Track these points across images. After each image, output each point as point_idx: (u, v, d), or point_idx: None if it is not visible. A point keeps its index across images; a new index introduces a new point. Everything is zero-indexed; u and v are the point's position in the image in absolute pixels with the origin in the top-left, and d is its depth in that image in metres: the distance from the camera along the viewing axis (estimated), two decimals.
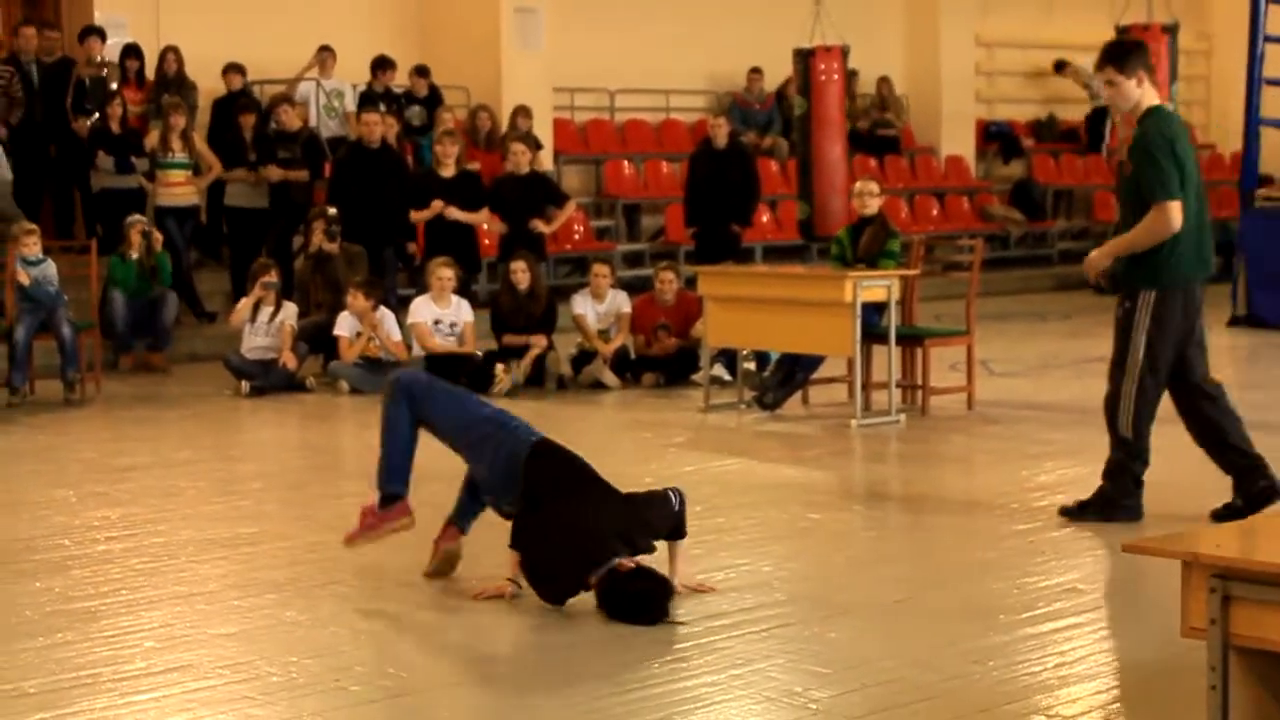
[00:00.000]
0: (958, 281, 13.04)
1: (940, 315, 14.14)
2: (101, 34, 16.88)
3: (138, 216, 14.95)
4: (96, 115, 15.90)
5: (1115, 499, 8.36)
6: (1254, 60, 17.98)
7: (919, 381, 12.12)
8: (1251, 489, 8.38)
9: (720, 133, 16.18)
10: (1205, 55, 27.27)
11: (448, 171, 15.21)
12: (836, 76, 15.66)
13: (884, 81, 22.95)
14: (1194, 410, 8.42)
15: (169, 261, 15.06)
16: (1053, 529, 8.25)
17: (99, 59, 16.76)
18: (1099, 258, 8.43)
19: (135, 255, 14.67)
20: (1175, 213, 7.96)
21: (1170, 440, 8.54)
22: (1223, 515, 8.22)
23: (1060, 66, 24.66)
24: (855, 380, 11.66)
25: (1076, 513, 8.41)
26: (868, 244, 12.18)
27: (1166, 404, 8.37)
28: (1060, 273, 22.82)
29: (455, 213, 15.01)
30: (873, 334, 11.64)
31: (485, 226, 15.48)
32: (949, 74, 23.97)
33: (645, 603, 6.59)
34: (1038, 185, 24.07)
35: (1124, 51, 8.24)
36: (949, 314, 13.79)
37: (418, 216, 15.07)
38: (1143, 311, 8.13)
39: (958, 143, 24.10)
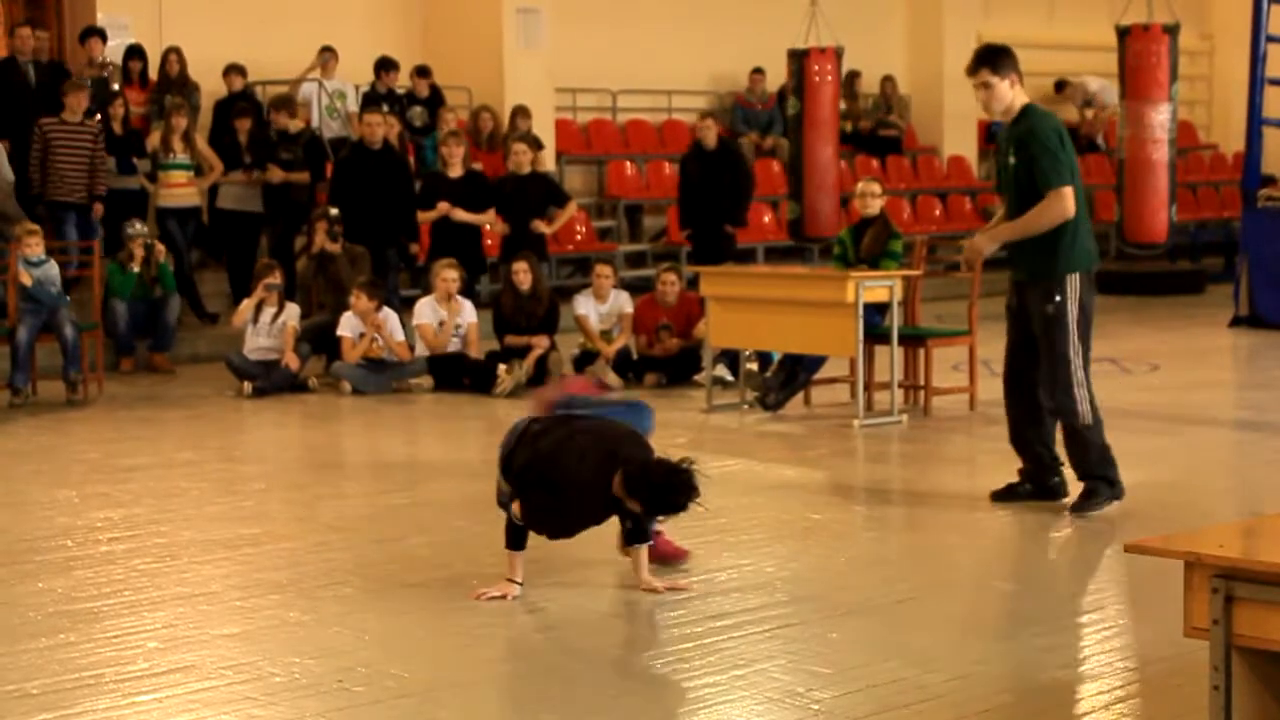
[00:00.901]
0: (960, 282, 13.04)
1: (942, 315, 14.14)
2: (102, 35, 16.88)
3: (140, 228, 14.93)
4: (98, 116, 15.89)
5: (1103, 481, 8.51)
6: (1256, 60, 17.98)
7: (921, 382, 12.12)
8: (1047, 481, 8.68)
9: (710, 134, 16.13)
10: (1207, 55, 27.25)
11: (454, 172, 15.21)
12: (830, 77, 15.66)
13: (888, 81, 22.93)
14: (1031, 391, 8.60)
15: (171, 270, 15.05)
16: (1055, 529, 8.25)
17: (100, 60, 16.77)
18: (983, 241, 8.76)
19: (135, 268, 14.67)
20: (1069, 198, 8.32)
21: (1176, 443, 8.56)
22: (1004, 496, 8.71)
23: (1060, 87, 24.61)
24: (857, 381, 11.66)
25: (1083, 507, 8.44)
26: (870, 244, 12.19)
27: (1170, 405, 8.37)
28: None
29: (462, 214, 15.00)
30: (875, 334, 11.65)
31: (489, 227, 15.46)
32: (951, 74, 23.77)
33: (675, 483, 6.66)
34: None
35: (996, 54, 8.53)
36: (951, 314, 13.78)
37: (424, 218, 15.07)
38: (1070, 300, 8.34)
39: (960, 143, 24.09)
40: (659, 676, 5.91)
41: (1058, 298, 8.33)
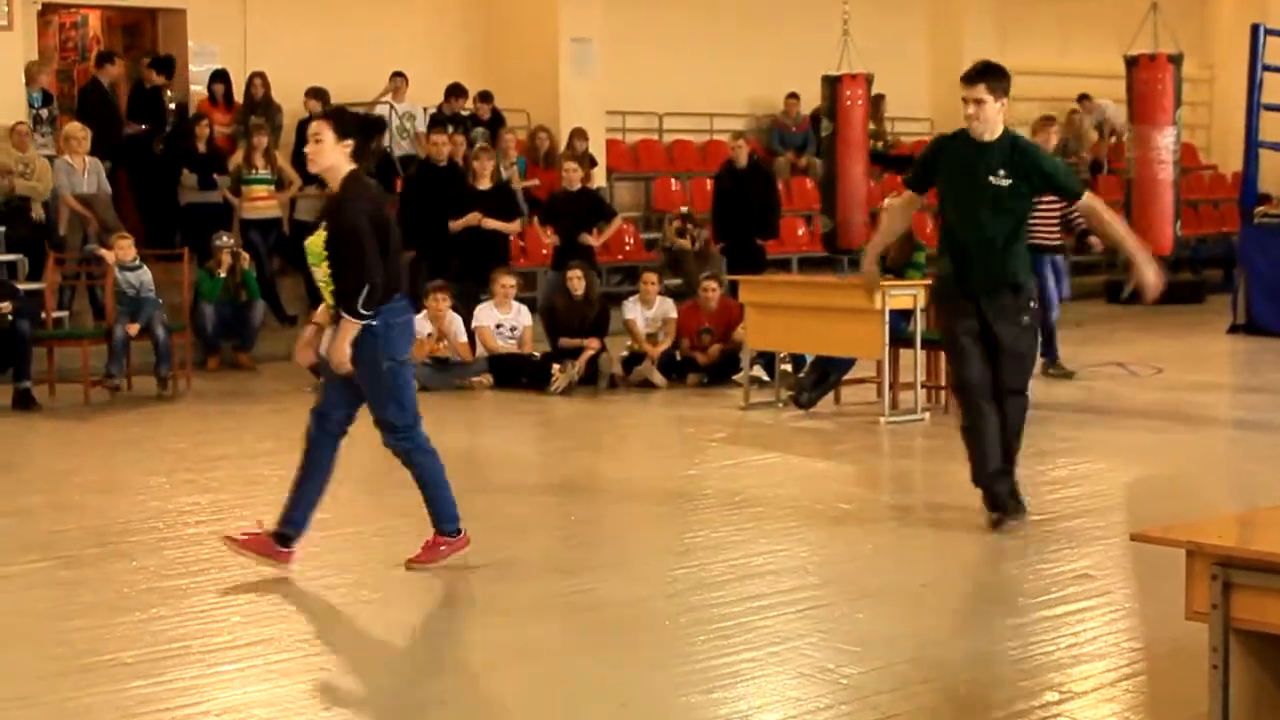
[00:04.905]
0: None
1: None
2: (167, 66, 17.14)
3: (227, 240, 14.98)
4: (165, 134, 16.25)
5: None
6: (1253, 87, 17.85)
7: (942, 382, 12.07)
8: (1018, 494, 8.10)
9: (741, 153, 16.12)
10: (1208, 83, 27.07)
11: (484, 184, 15.17)
12: (861, 101, 15.59)
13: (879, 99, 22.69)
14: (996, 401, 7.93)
15: (254, 277, 15.11)
16: (1065, 520, 8.20)
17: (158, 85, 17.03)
18: (1156, 276, 7.85)
19: (223, 274, 14.73)
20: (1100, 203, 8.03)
21: (1179, 440, 8.50)
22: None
23: (1083, 99, 24.41)
24: (884, 381, 11.63)
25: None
26: (895, 255, 12.12)
27: (1173, 406, 8.31)
28: (1073, 283, 22.63)
29: (491, 222, 14.96)
30: (900, 338, 11.61)
31: (502, 227, 15.25)
32: None
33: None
34: None
35: (997, 74, 8.14)
36: None
37: (455, 225, 14.98)
38: (1033, 305, 7.98)
39: None
40: (701, 652, 5.89)
41: (1033, 304, 7.96)
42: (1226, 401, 13.30)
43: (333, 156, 6.95)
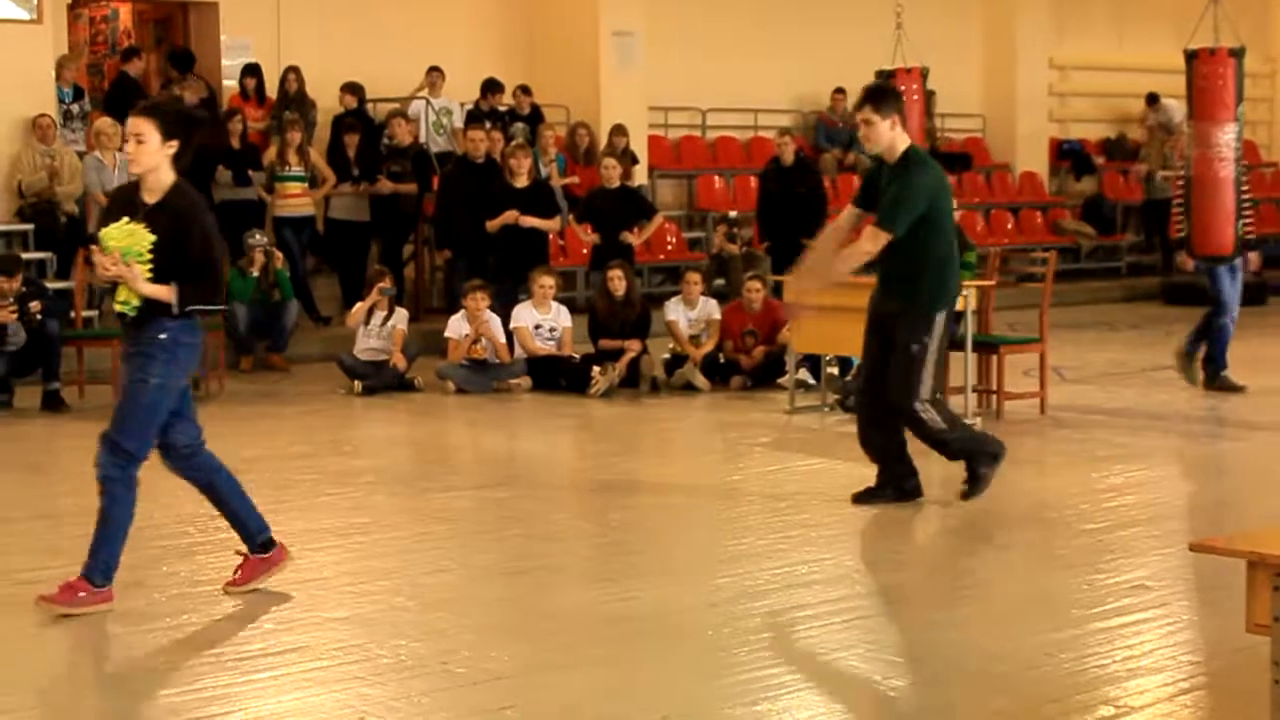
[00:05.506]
0: (1031, 292, 12.93)
1: (1014, 324, 14.03)
2: (182, 60, 17.33)
3: (260, 238, 15.02)
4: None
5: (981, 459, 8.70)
6: None
7: (994, 387, 12.04)
8: (904, 484, 8.73)
9: (787, 151, 16.10)
10: (1269, 78, 26.95)
11: (520, 182, 15.16)
12: (916, 96, 15.55)
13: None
14: (884, 397, 8.61)
15: (288, 276, 15.16)
16: (1121, 528, 8.18)
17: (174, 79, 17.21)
18: (811, 282, 9.02)
19: (255, 273, 14.78)
20: (880, 242, 8.30)
21: (1242, 446, 8.47)
22: (865, 498, 8.72)
23: (1153, 100, 24.20)
24: None
25: (972, 490, 8.70)
26: None
27: (1236, 411, 8.27)
28: (1129, 284, 22.62)
29: (529, 220, 14.97)
30: (950, 341, 11.55)
31: (541, 225, 15.23)
32: (1024, 95, 23.85)
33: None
34: (1108, 201, 23.88)
35: (882, 94, 8.52)
36: (1023, 323, 13.67)
37: (492, 225, 14.99)
38: (933, 339, 8.44)
39: (1032, 160, 23.96)
40: (745, 664, 5.89)
41: (925, 339, 8.38)
42: None
43: (156, 158, 6.57)
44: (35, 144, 15.24)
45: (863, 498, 8.73)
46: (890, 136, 8.39)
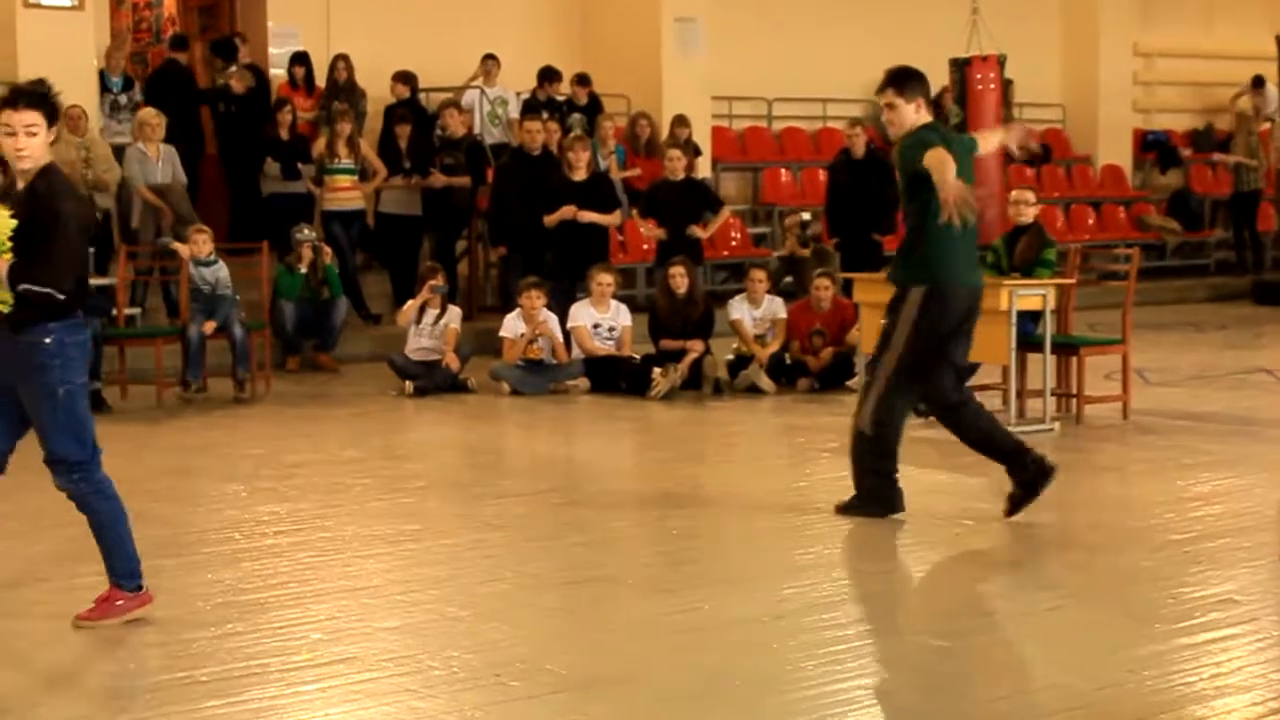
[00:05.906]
0: (1113, 290, 12.86)
1: (1095, 324, 13.96)
2: (225, 49, 17.48)
3: (308, 233, 15.07)
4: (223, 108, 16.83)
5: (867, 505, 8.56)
6: None
7: (1074, 390, 11.98)
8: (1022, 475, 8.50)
9: (858, 142, 16.05)
10: None
11: (579, 176, 15.17)
12: (993, 86, 15.52)
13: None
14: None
15: (337, 272, 15.21)
16: (1208, 539, 8.11)
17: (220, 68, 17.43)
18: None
19: (303, 269, 14.84)
20: (942, 151, 8.16)
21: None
22: (1012, 509, 8.46)
23: (1259, 83, 23.90)
24: (1010, 388, 11.54)
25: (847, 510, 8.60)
26: (1023, 252, 12.05)
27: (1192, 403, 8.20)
28: (1217, 283, 22.45)
29: (588, 215, 14.98)
30: (1028, 342, 11.53)
31: (600, 220, 15.25)
32: (1107, 84, 23.70)
33: None
34: (1195, 195, 23.68)
35: (906, 77, 8.49)
36: (1104, 323, 13.60)
37: (550, 220, 15.00)
38: (905, 318, 8.37)
39: (1115, 152, 23.82)
40: (809, 679, 5.88)
41: (894, 317, 8.38)
42: None
43: (45, 149, 6.53)
44: (66, 135, 15.30)
45: (1012, 507, 8.48)
46: (915, 120, 8.40)
